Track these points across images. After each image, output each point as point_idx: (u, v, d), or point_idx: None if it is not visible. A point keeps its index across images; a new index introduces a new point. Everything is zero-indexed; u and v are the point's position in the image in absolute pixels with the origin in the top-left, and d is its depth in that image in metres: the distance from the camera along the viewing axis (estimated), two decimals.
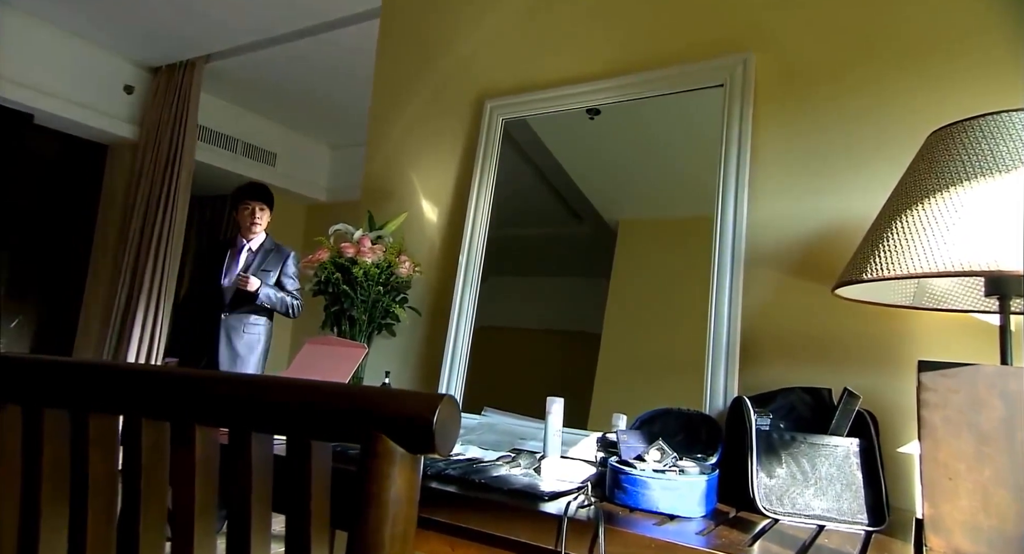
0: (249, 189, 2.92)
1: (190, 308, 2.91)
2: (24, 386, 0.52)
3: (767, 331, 1.21)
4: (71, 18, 3.39)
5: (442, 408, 0.46)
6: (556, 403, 1.19)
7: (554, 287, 1.64)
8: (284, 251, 2.94)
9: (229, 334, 2.72)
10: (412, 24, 1.91)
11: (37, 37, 3.40)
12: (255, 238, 2.89)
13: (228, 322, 2.72)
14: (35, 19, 3.39)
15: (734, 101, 1.27)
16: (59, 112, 3.50)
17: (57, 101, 3.47)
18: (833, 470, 0.85)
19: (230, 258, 2.83)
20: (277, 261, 2.88)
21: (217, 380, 0.47)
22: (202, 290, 2.88)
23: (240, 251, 2.85)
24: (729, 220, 1.24)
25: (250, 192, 2.90)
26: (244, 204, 2.85)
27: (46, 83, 3.43)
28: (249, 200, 2.86)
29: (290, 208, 4.98)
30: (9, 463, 0.52)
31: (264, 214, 2.88)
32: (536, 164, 1.70)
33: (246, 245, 2.87)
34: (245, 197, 2.87)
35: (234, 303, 2.75)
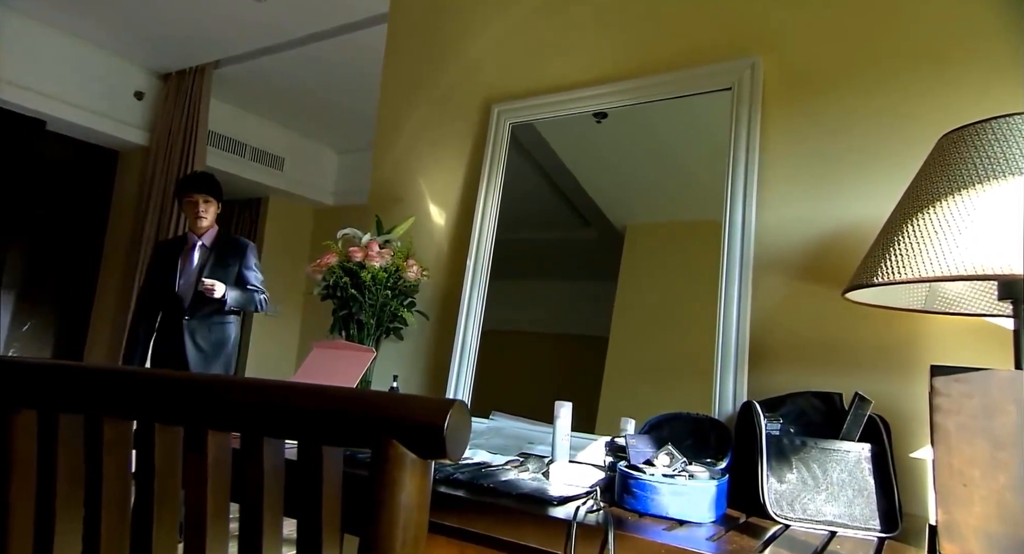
0: (191, 180, 2.66)
1: (144, 317, 2.63)
2: (40, 391, 0.52)
3: (776, 335, 1.21)
4: (83, 25, 3.43)
5: (453, 414, 0.46)
6: (564, 407, 1.18)
7: (560, 291, 1.64)
8: (242, 243, 2.70)
9: (194, 337, 2.51)
10: (420, 29, 1.92)
11: (49, 44, 3.44)
12: (207, 233, 2.62)
13: (191, 326, 2.51)
14: (47, 26, 3.43)
15: (742, 104, 1.27)
16: (71, 118, 3.54)
17: (69, 107, 3.51)
18: (844, 475, 0.84)
19: (183, 258, 2.59)
20: (235, 255, 2.63)
21: (230, 386, 0.48)
22: (155, 296, 2.62)
23: (193, 249, 2.60)
24: (738, 224, 1.24)
25: (193, 183, 2.63)
26: (188, 197, 2.59)
27: (58, 90, 3.47)
28: (192, 192, 2.58)
29: (298, 212, 5.01)
30: (24, 467, 0.52)
31: (211, 206, 2.61)
32: (543, 168, 1.70)
33: (198, 241, 2.61)
34: (188, 189, 2.61)
35: (194, 306, 2.52)
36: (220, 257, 2.59)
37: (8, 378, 0.53)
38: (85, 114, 3.60)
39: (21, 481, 0.52)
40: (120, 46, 3.67)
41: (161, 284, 2.58)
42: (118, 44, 3.64)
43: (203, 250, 2.60)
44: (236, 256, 2.63)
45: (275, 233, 4.84)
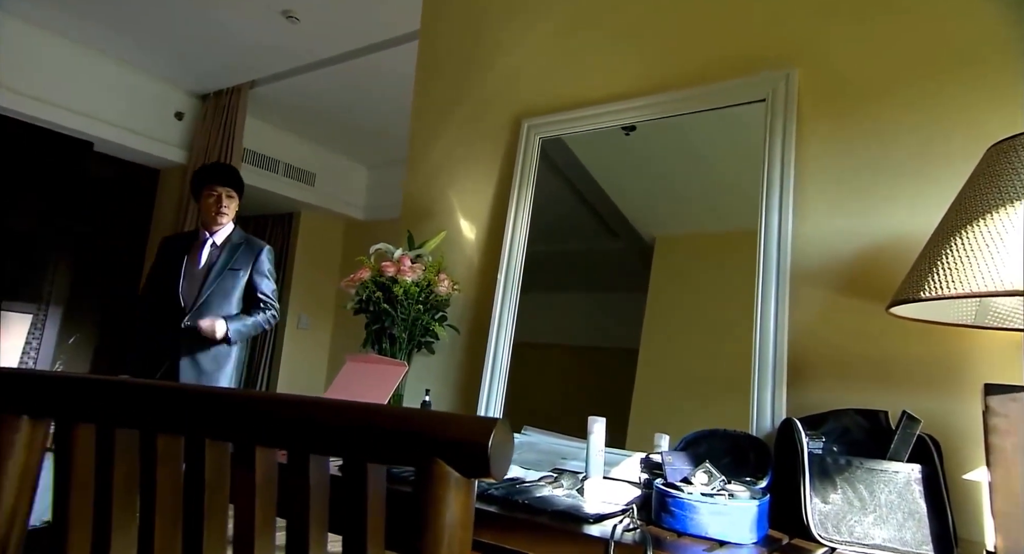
0: (215, 171, 2.38)
1: (145, 317, 2.35)
2: (97, 406, 0.54)
3: (816, 350, 1.18)
4: (129, 51, 3.59)
5: (496, 432, 0.46)
6: (598, 423, 1.17)
7: (588, 302, 1.63)
8: (256, 245, 2.40)
9: (192, 349, 2.19)
10: (450, 46, 1.95)
11: (97, 69, 3.61)
12: (220, 230, 2.34)
13: (191, 334, 2.20)
14: (95, 52, 3.60)
15: (776, 116, 1.25)
16: (116, 139, 3.70)
17: (115, 129, 3.67)
18: (894, 497, 0.81)
19: (190, 256, 2.30)
20: (248, 257, 2.34)
21: (279, 403, 0.49)
22: (158, 294, 2.32)
23: (202, 247, 2.31)
24: (774, 236, 1.22)
25: (216, 174, 2.34)
26: (209, 189, 2.31)
27: (105, 112, 3.63)
28: (215, 184, 2.30)
29: (328, 226, 5.11)
30: (83, 479, 0.54)
31: (233, 202, 2.34)
32: (569, 179, 1.70)
33: (209, 239, 2.32)
34: (211, 181, 2.32)
35: (196, 313, 2.21)
36: (231, 259, 2.30)
37: (69, 394, 0.55)
38: (130, 135, 3.75)
39: (80, 492, 0.54)
40: (162, 69, 3.82)
41: (162, 284, 2.29)
42: (161, 68, 3.79)
43: (213, 249, 2.32)
44: (248, 259, 2.34)
45: (306, 247, 4.94)
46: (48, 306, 3.61)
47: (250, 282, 2.34)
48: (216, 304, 2.25)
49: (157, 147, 3.91)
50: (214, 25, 3.23)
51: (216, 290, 2.26)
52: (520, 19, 1.80)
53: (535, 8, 1.77)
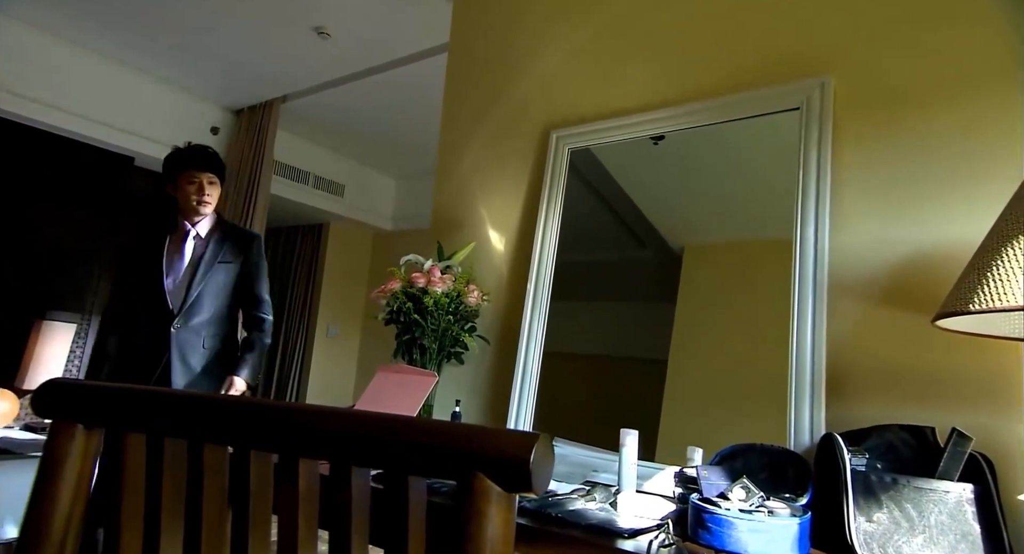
0: (195, 155, 2.10)
1: (116, 327, 2.18)
2: (148, 416, 0.56)
3: (856, 363, 1.15)
4: (167, 69, 3.72)
5: (538, 447, 0.46)
6: (630, 435, 1.16)
7: (615, 312, 1.62)
8: (246, 234, 2.19)
9: (183, 351, 1.98)
10: (478, 59, 1.98)
11: (138, 88, 3.75)
12: (203, 220, 2.10)
13: (180, 336, 1.98)
14: (136, 71, 3.74)
15: (811, 124, 1.23)
16: (156, 154, 3.83)
17: (155, 144, 3.80)
18: (944, 518, 0.78)
19: (171, 250, 2.08)
20: (238, 248, 2.12)
21: (323, 416, 0.50)
22: (134, 299, 2.10)
23: (185, 239, 2.08)
24: (810, 246, 1.19)
25: (197, 159, 2.08)
26: (189, 175, 2.05)
27: (145, 128, 3.77)
28: (195, 170, 2.05)
29: (357, 237, 5.19)
30: (134, 486, 0.56)
31: (215, 189, 2.09)
32: (597, 189, 1.70)
33: (191, 230, 2.08)
34: (189, 165, 2.06)
35: (185, 312, 2.00)
36: (219, 250, 2.08)
37: (120, 404, 0.57)
38: (168, 150, 3.88)
39: (131, 499, 0.55)
40: (200, 87, 3.95)
41: (143, 284, 2.06)
42: (198, 85, 3.92)
43: (197, 242, 2.09)
44: (239, 251, 2.11)
45: (335, 257, 5.02)
46: (91, 316, 3.74)
47: (244, 277, 2.11)
48: (207, 303, 2.03)
49: None
50: (249, 43, 3.33)
51: (206, 287, 2.02)
52: (549, 31, 1.81)
53: (563, 20, 1.78)
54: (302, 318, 4.86)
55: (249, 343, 2.08)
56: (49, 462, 0.55)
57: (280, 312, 4.99)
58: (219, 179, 2.11)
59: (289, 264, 5.12)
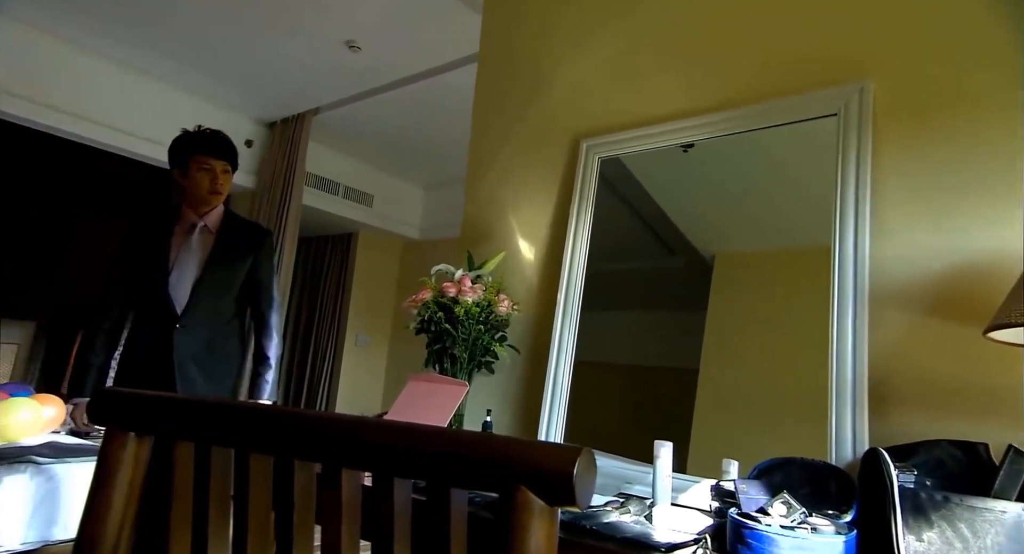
0: (210, 141, 1.91)
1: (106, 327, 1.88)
2: (196, 425, 0.57)
3: (900, 376, 1.11)
4: (205, 84, 3.84)
5: (581, 461, 0.46)
6: (664, 447, 1.15)
7: (644, 321, 1.61)
8: (258, 230, 2.02)
9: (188, 353, 1.81)
10: (508, 69, 1.99)
11: (176, 103, 3.88)
12: (212, 212, 1.93)
13: (185, 338, 1.80)
14: (175, 87, 3.87)
15: (850, 130, 1.21)
16: None
17: None
18: (1002, 539, 0.75)
19: (177, 243, 1.87)
20: (249, 244, 1.94)
21: (367, 427, 0.50)
22: (134, 294, 1.89)
23: (191, 232, 1.88)
24: (849, 255, 1.16)
25: (212, 145, 1.90)
26: (201, 162, 1.87)
27: None
28: (210, 157, 1.88)
29: (385, 246, 5.26)
30: (183, 493, 0.57)
31: (228, 179, 1.93)
32: (625, 197, 1.69)
33: (199, 223, 1.89)
34: (204, 152, 1.88)
35: (190, 310, 1.81)
36: (227, 248, 1.90)
37: (170, 413, 0.58)
38: None
39: (180, 505, 0.57)
40: (235, 101, 4.07)
41: (144, 279, 1.84)
42: (234, 99, 4.04)
43: (206, 235, 1.90)
44: (249, 249, 1.94)
45: (364, 266, 5.09)
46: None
47: (253, 276, 1.94)
48: (215, 302, 1.86)
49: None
50: (283, 58, 3.42)
51: (215, 284, 1.86)
52: (578, 39, 1.81)
53: (593, 29, 1.78)
54: (331, 327, 4.93)
55: (263, 357, 1.90)
56: (103, 469, 0.57)
57: (310, 321, 5.08)
58: (232, 169, 1.94)
59: (319, 273, 5.21)
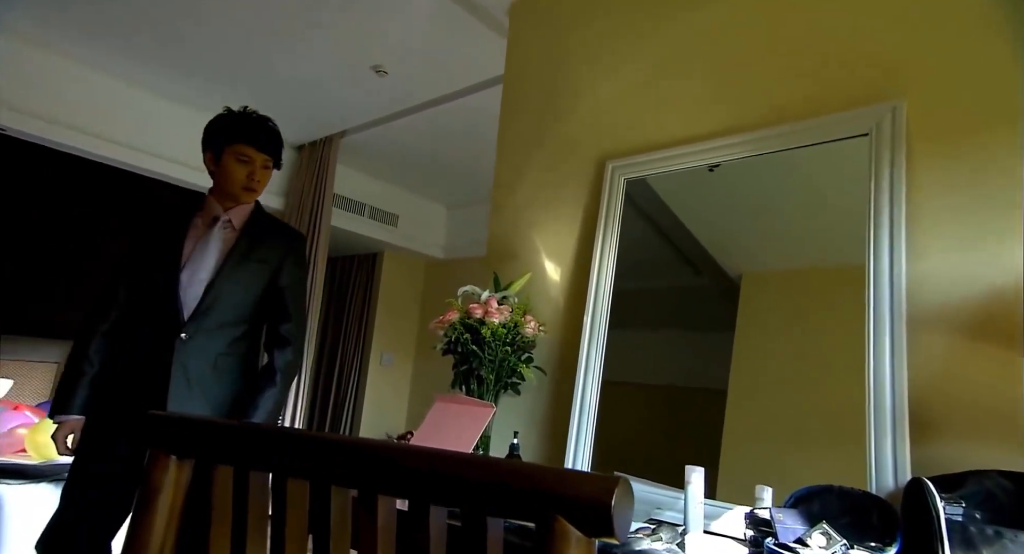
0: (255, 128, 1.63)
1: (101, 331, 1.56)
2: (235, 449, 0.58)
3: (941, 401, 1.07)
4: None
5: (619, 491, 0.45)
6: (696, 472, 1.12)
7: (671, 341, 1.59)
8: (289, 232, 1.73)
9: (186, 364, 1.49)
10: (534, 90, 2.02)
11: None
12: (241, 208, 1.65)
13: (188, 347, 1.49)
14: (207, 113, 4.01)
15: (883, 150, 1.19)
16: None
17: None
18: None
19: (195, 235, 1.59)
20: (278, 248, 1.65)
21: (403, 453, 0.51)
22: (137, 295, 1.57)
23: (213, 226, 1.60)
24: (884, 277, 1.14)
25: (257, 134, 1.62)
26: (241, 152, 1.60)
27: None
28: (252, 148, 1.60)
29: (411, 266, 5.31)
30: (221, 516, 0.58)
31: (268, 176, 1.67)
32: (650, 216, 1.69)
33: (223, 217, 1.61)
34: (246, 140, 1.60)
35: (198, 318, 1.51)
36: (251, 248, 1.60)
37: (210, 437, 0.60)
38: None
39: (219, 527, 0.58)
40: None
41: (151, 275, 1.55)
42: None
43: (228, 231, 1.61)
44: (276, 253, 1.63)
45: (389, 285, 5.14)
46: None
47: (274, 284, 1.62)
48: (228, 307, 1.55)
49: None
50: (312, 84, 3.52)
51: (231, 286, 1.55)
52: (604, 61, 1.83)
53: (619, 50, 1.80)
54: (357, 346, 4.98)
55: (269, 377, 1.57)
56: (146, 491, 0.58)
57: (336, 340, 5.13)
58: (275, 165, 1.69)
59: (345, 293, 5.28)
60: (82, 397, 1.52)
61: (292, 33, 2.97)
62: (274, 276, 1.64)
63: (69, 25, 3.01)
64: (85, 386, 1.52)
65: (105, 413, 1.51)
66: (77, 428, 1.52)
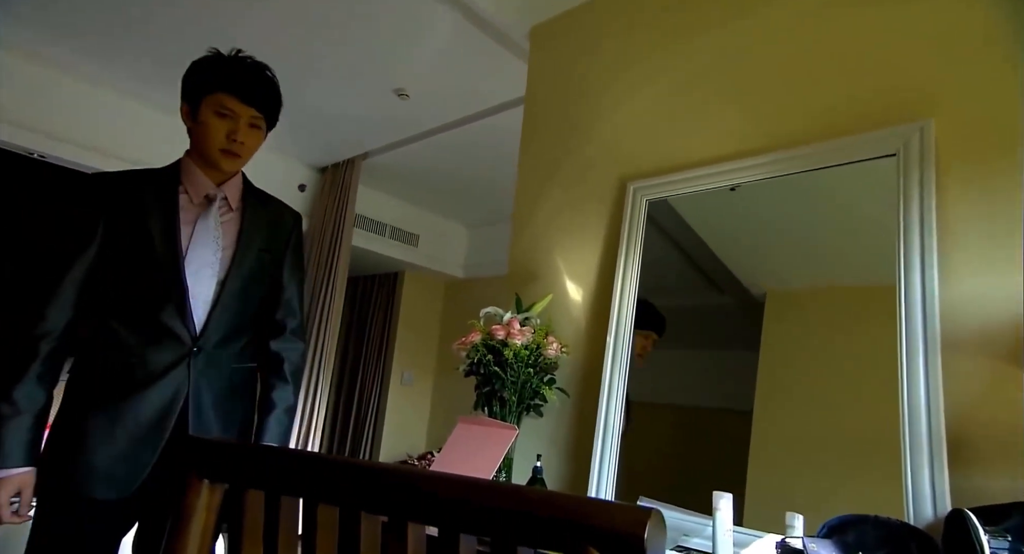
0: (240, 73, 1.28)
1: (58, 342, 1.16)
2: (267, 475, 0.59)
3: (980, 429, 1.04)
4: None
5: (652, 523, 0.45)
6: (724, 499, 1.10)
7: (694, 360, 1.57)
8: (286, 214, 1.44)
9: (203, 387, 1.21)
10: (555, 112, 2.04)
11: None
12: (232, 181, 1.34)
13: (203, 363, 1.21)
14: None
15: (911, 170, 1.18)
16: None
17: None
18: None
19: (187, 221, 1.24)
20: (277, 236, 1.38)
21: (434, 481, 0.51)
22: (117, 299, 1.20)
23: (208, 207, 1.28)
24: (916, 299, 1.12)
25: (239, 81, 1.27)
26: (221, 102, 1.26)
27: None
28: (235, 99, 1.26)
29: (430, 284, 5.34)
30: (252, 539, 0.58)
31: (256, 138, 1.33)
32: (671, 236, 1.68)
33: (219, 195, 1.30)
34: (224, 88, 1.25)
35: (213, 327, 1.23)
36: (254, 235, 1.32)
37: (242, 462, 0.60)
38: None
39: (250, 550, 0.58)
40: (290, 148, 4.29)
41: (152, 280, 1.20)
42: (289, 146, 4.27)
43: (225, 213, 1.31)
44: (278, 238, 1.38)
45: (410, 305, 5.18)
46: None
47: (277, 277, 1.38)
48: (238, 312, 1.29)
49: None
50: (335, 107, 3.61)
51: (236, 284, 1.28)
52: (624, 82, 1.84)
53: (640, 70, 1.81)
54: (377, 365, 5.00)
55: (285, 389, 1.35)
56: (179, 516, 0.59)
57: (357, 360, 5.16)
58: (267, 124, 1.35)
59: (366, 312, 5.32)
60: (22, 439, 1.10)
61: (315, 58, 3.05)
62: (277, 266, 1.38)
63: (107, 54, 3.13)
64: (24, 425, 1.10)
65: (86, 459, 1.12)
66: (26, 485, 1.10)
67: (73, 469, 1.13)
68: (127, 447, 1.15)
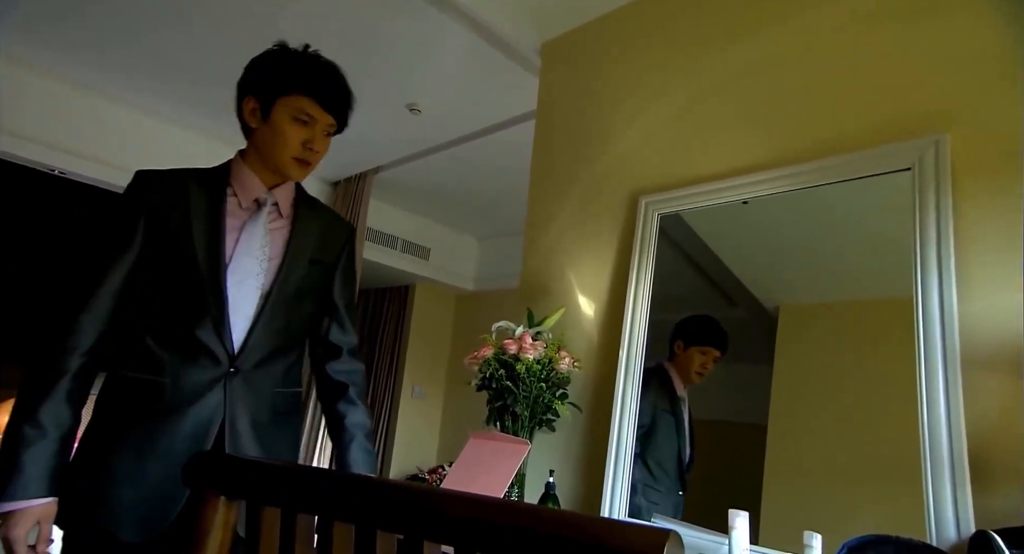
0: (323, 76, 1.18)
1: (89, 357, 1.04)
2: (282, 492, 0.59)
3: (1003, 448, 1.02)
4: None
5: (670, 545, 0.44)
6: (740, 517, 1.08)
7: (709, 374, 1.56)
8: (340, 225, 1.33)
9: (241, 410, 1.08)
10: (566, 126, 2.05)
11: None
12: (284, 187, 1.22)
13: (241, 383, 1.09)
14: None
15: (927, 185, 1.17)
16: None
17: None
18: None
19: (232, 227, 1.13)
20: (330, 247, 1.27)
21: (450, 500, 0.51)
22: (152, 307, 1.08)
23: (256, 212, 1.16)
24: (934, 314, 1.10)
25: (325, 86, 1.17)
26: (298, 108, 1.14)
27: None
28: (315, 104, 1.15)
29: (441, 297, 5.35)
30: None
31: (326, 146, 1.23)
32: (683, 249, 1.68)
33: (269, 200, 1.18)
34: (307, 91, 1.14)
35: (253, 344, 1.11)
36: (305, 244, 1.21)
37: (259, 478, 0.61)
38: None
39: None
40: None
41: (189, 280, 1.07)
42: None
43: (275, 220, 1.20)
44: (330, 250, 1.27)
45: (421, 317, 5.19)
46: None
47: (328, 292, 1.27)
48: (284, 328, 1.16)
49: None
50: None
51: (283, 297, 1.15)
52: (637, 96, 1.85)
53: (652, 85, 1.82)
54: (388, 379, 5.00)
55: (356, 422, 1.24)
56: (197, 533, 0.59)
57: (368, 373, 5.16)
58: (339, 129, 1.25)
59: (377, 325, 5.33)
60: (45, 467, 0.98)
61: None
62: (328, 280, 1.26)
63: (115, 67, 3.21)
64: (47, 450, 0.98)
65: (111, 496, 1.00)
66: (46, 518, 0.98)
67: (96, 506, 1.00)
68: (156, 484, 1.01)
